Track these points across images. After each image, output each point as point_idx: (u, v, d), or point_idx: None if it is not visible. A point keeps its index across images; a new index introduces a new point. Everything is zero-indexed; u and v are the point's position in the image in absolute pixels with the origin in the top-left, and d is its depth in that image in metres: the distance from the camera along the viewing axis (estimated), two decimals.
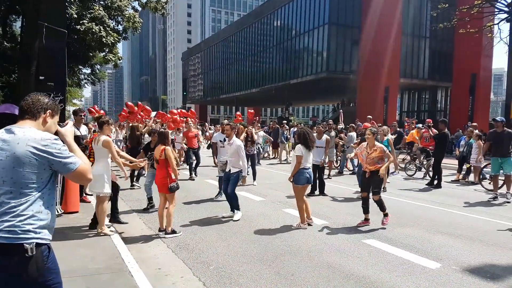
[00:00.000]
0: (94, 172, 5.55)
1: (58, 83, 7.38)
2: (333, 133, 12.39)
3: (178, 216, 6.94)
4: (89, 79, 25.20)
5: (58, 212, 6.57)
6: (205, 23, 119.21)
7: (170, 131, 12.84)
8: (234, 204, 6.89)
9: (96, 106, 17.96)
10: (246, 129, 10.68)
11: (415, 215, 7.28)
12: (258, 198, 8.66)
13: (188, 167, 12.16)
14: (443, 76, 39.67)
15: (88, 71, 24.66)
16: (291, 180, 6.28)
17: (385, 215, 6.29)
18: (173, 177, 5.84)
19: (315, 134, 7.84)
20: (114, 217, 6.31)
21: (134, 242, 5.47)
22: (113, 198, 6.17)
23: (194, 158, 12.14)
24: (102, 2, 17.46)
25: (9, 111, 10.52)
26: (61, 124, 2.29)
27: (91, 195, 8.86)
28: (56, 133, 2.26)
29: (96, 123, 10.40)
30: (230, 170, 6.89)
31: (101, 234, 5.46)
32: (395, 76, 35.13)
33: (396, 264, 4.65)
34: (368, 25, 35.43)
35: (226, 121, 9.62)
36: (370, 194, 6.40)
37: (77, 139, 7.13)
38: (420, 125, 12.01)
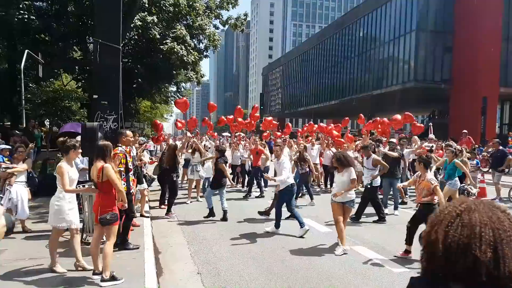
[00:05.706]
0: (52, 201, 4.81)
1: (112, 101, 7.16)
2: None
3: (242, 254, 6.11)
4: (175, 96, 26.19)
5: None
6: (286, 38, 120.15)
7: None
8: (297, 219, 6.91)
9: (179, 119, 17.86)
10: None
11: None
12: (324, 229, 7.43)
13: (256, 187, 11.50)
14: None
15: (174, 88, 25.65)
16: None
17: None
18: (120, 204, 4.51)
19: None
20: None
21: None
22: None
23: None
24: (184, 22, 17.87)
25: (73, 129, 10.94)
26: None
27: (148, 217, 8.51)
28: None
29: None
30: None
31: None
32: (494, 85, 31.05)
33: None
34: (463, 29, 32.03)
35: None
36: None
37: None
38: None
